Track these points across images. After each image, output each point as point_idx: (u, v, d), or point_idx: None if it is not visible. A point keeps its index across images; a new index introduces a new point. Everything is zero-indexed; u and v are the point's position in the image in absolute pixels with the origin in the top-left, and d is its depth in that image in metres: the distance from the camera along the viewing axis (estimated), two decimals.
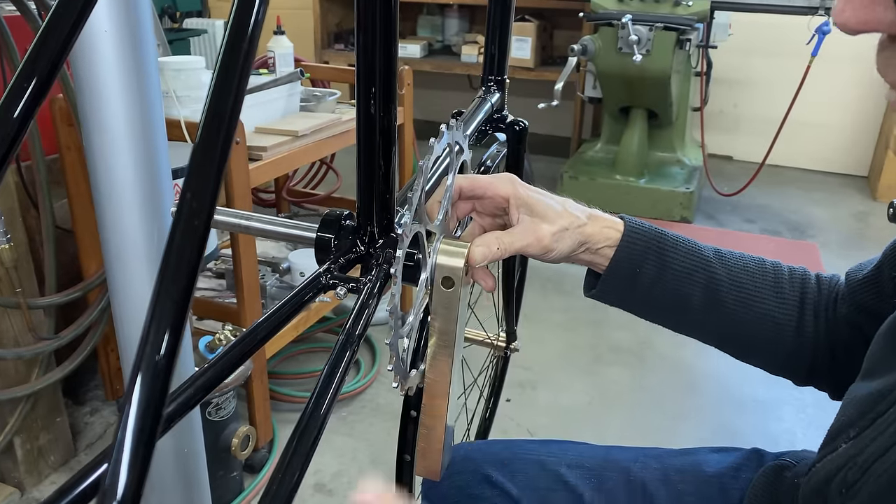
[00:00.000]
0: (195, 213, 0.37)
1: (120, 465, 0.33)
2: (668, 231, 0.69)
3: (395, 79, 0.56)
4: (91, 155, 0.84)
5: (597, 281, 0.70)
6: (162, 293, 0.36)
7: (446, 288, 0.58)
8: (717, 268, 0.68)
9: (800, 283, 0.69)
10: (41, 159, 1.44)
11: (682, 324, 0.71)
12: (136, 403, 0.34)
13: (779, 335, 0.67)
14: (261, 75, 1.84)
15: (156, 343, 0.34)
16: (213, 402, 1.43)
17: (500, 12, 0.92)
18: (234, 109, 0.39)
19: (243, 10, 0.39)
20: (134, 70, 0.79)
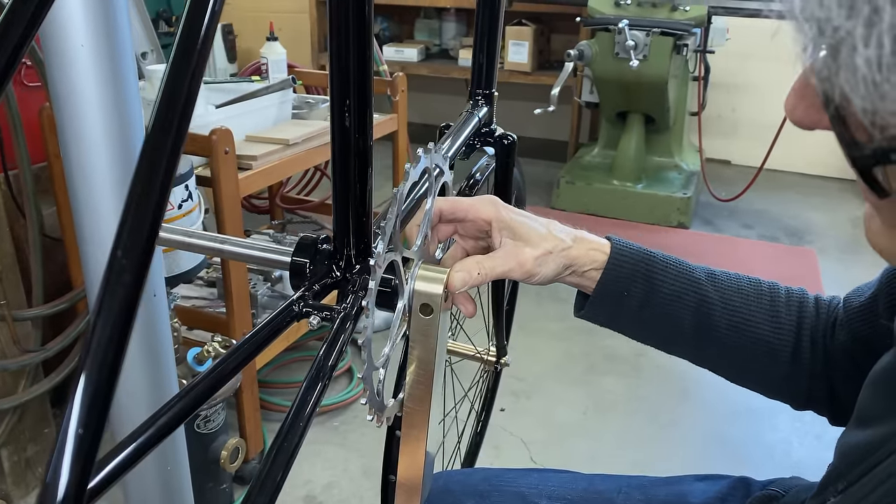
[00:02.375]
0: (136, 229, 0.36)
1: (61, 464, 0.32)
2: (658, 252, 0.68)
3: (370, 95, 0.54)
4: (69, 167, 0.83)
5: (582, 300, 0.69)
6: (105, 301, 0.35)
7: (425, 315, 0.56)
8: (708, 290, 0.66)
9: (797, 306, 0.66)
10: (28, 168, 1.43)
11: (673, 346, 0.70)
12: (81, 398, 0.33)
13: (774, 360, 0.65)
14: (253, 82, 1.83)
15: (101, 342, 0.34)
16: (202, 415, 1.41)
17: (488, 26, 0.90)
18: (184, 112, 0.38)
19: None
20: (112, 84, 0.78)
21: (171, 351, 0.95)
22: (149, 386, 0.92)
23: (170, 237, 0.61)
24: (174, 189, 1.23)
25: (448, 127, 0.90)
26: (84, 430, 0.33)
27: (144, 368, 0.91)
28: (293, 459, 0.42)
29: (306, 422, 0.45)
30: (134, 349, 0.89)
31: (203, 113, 1.52)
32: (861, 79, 0.31)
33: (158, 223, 0.38)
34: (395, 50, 3.89)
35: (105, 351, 0.35)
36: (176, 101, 0.38)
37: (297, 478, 1.63)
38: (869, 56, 0.31)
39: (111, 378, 0.35)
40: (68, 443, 0.33)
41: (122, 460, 0.42)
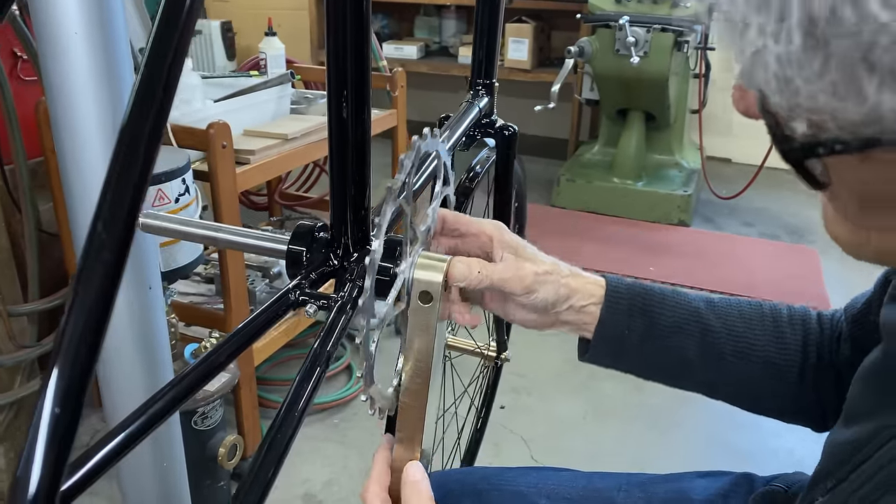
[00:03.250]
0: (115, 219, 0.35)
1: (33, 459, 0.31)
2: (654, 285, 0.67)
3: (368, 79, 0.53)
4: (63, 159, 0.82)
5: (585, 343, 0.67)
6: (80, 290, 0.34)
7: (424, 303, 0.55)
8: (709, 318, 0.65)
9: (801, 325, 0.65)
10: (23, 163, 1.41)
11: (682, 381, 0.68)
12: (54, 389, 0.32)
13: (784, 382, 0.64)
14: (251, 77, 1.81)
15: (74, 333, 0.33)
16: (199, 412, 1.40)
17: (488, 15, 0.89)
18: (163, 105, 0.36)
19: None
20: (106, 73, 0.77)
21: (166, 343, 0.94)
22: (144, 378, 0.91)
23: (165, 225, 0.60)
24: (171, 183, 1.22)
25: (448, 118, 0.89)
26: (59, 416, 0.32)
27: (139, 360, 0.90)
28: (286, 453, 0.41)
29: (301, 413, 0.43)
30: (129, 341, 0.88)
31: (201, 107, 1.50)
32: (773, 75, 0.31)
33: (140, 200, 0.37)
34: (394, 47, 3.88)
35: (81, 337, 0.34)
36: (158, 76, 0.37)
37: (295, 475, 1.61)
38: (779, 52, 0.30)
39: (87, 363, 0.34)
40: (41, 430, 0.32)
41: (113, 447, 0.41)
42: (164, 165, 1.23)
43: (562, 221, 3.07)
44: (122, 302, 0.86)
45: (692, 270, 2.66)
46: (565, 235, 2.93)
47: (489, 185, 1.02)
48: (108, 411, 0.94)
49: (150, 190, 1.20)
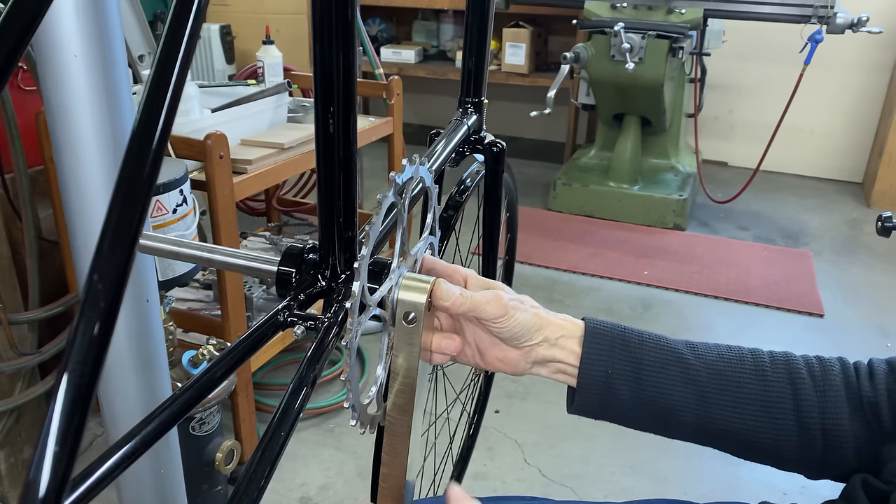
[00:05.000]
0: (118, 237, 0.38)
1: (43, 463, 0.34)
2: (631, 327, 0.67)
3: (354, 102, 0.54)
4: (62, 176, 0.84)
5: (571, 393, 0.67)
6: (87, 307, 0.37)
7: (409, 324, 0.57)
8: (690, 359, 0.64)
9: (783, 364, 0.64)
10: (24, 171, 1.44)
11: (671, 425, 0.66)
12: (63, 397, 0.35)
13: (772, 423, 0.63)
14: (249, 86, 1.83)
15: (83, 342, 0.36)
16: (197, 417, 1.42)
17: (477, 34, 0.91)
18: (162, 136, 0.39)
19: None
20: (105, 95, 0.79)
21: (164, 356, 0.96)
22: (142, 391, 0.94)
23: (159, 246, 0.62)
24: (169, 194, 1.24)
25: (438, 134, 0.91)
26: (66, 425, 0.35)
27: (138, 373, 0.92)
28: (272, 472, 0.43)
29: (287, 432, 0.46)
30: (127, 354, 0.90)
31: (199, 117, 1.53)
32: None
33: (141, 224, 0.40)
34: (392, 51, 3.90)
35: (87, 351, 0.37)
36: (155, 118, 0.39)
37: (292, 480, 1.64)
38: None
39: (93, 376, 0.37)
40: (51, 438, 0.34)
41: (114, 462, 0.43)
42: (162, 176, 1.26)
43: (558, 225, 3.10)
44: (120, 315, 0.88)
45: (687, 274, 2.68)
46: (561, 239, 2.95)
47: (479, 198, 1.05)
48: (106, 421, 0.96)
49: None
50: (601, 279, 2.65)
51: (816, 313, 2.44)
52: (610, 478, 1.70)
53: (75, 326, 0.38)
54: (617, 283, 2.62)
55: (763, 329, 2.35)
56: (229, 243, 1.45)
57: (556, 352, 0.65)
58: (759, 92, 3.81)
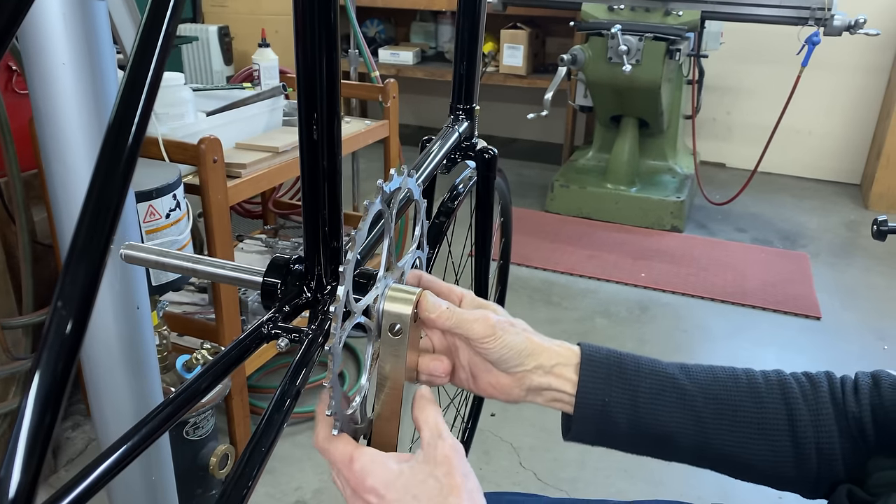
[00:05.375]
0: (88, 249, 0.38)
1: (13, 462, 0.35)
2: (626, 352, 0.66)
3: (338, 110, 0.54)
4: (51, 180, 0.84)
5: (567, 420, 0.66)
6: (58, 308, 0.38)
7: (395, 335, 0.57)
8: (686, 384, 0.64)
9: (777, 383, 0.64)
10: (17, 175, 1.43)
11: (668, 450, 0.66)
12: (34, 397, 0.36)
13: (769, 444, 0.63)
14: (244, 89, 1.83)
15: (55, 341, 0.38)
16: (191, 422, 1.42)
17: (468, 39, 0.91)
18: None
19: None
20: (94, 101, 0.79)
21: (155, 362, 0.96)
22: (133, 396, 0.93)
23: (146, 257, 0.62)
24: (162, 199, 1.24)
25: (430, 140, 0.91)
26: (37, 425, 0.36)
27: (128, 379, 0.92)
28: (252, 489, 0.43)
29: (268, 447, 0.45)
30: (118, 361, 0.90)
31: (193, 121, 1.52)
32: None
33: (115, 223, 0.40)
34: (390, 53, 3.90)
35: (58, 351, 0.38)
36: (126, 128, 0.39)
37: (286, 484, 1.64)
38: None
39: (63, 378, 0.37)
40: (21, 437, 0.35)
41: (105, 469, 0.43)
42: (155, 181, 1.26)
43: (555, 227, 3.09)
44: (110, 321, 0.88)
45: (684, 276, 2.68)
46: (559, 241, 2.95)
47: (471, 204, 1.04)
48: (98, 427, 0.96)
49: (141, 206, 1.22)
50: (598, 281, 2.65)
51: (813, 316, 2.43)
52: (605, 481, 1.70)
53: (47, 328, 0.39)
54: (614, 286, 2.62)
55: (760, 331, 2.35)
56: (223, 248, 1.45)
57: (552, 380, 0.63)
58: (757, 93, 3.81)
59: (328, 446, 0.52)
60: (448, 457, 0.51)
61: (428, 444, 0.52)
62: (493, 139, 4.67)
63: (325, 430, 0.53)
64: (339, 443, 0.52)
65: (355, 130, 1.88)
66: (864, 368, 0.67)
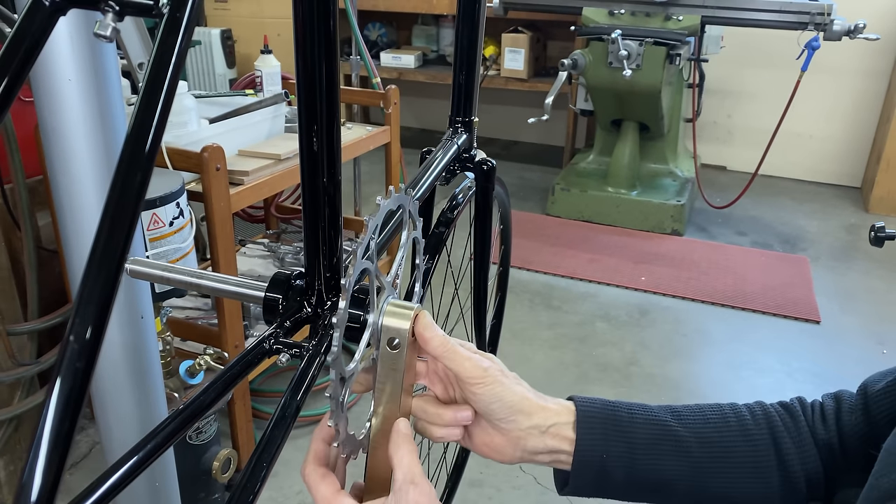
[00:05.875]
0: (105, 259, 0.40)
1: (35, 468, 0.37)
2: (618, 401, 0.66)
3: (337, 118, 0.55)
4: (57, 195, 0.85)
5: (564, 475, 0.66)
6: (77, 323, 0.39)
7: (393, 350, 0.58)
8: (679, 430, 0.65)
9: (763, 418, 0.65)
10: (22, 181, 1.45)
11: (664, 497, 0.66)
12: (55, 408, 0.38)
13: (761, 480, 0.64)
14: (247, 96, 1.85)
15: (73, 354, 0.40)
16: (194, 427, 1.44)
17: (467, 46, 0.92)
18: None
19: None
20: (99, 117, 0.80)
21: (158, 370, 0.97)
22: (137, 405, 0.95)
23: (150, 272, 0.63)
24: (165, 207, 1.26)
25: (429, 152, 0.93)
26: (57, 433, 0.38)
27: (133, 388, 0.94)
28: (255, 501, 0.45)
29: (270, 461, 0.47)
30: (122, 369, 0.92)
31: (196, 129, 1.54)
32: None
33: (129, 243, 0.42)
34: (392, 56, 3.92)
35: (77, 360, 0.40)
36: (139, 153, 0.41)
37: (290, 487, 1.65)
38: None
39: (83, 387, 0.39)
40: (43, 444, 0.37)
41: (111, 485, 0.44)
42: (159, 190, 1.27)
43: (556, 230, 3.11)
44: (115, 331, 0.90)
45: (684, 280, 2.69)
46: (559, 245, 2.96)
47: (470, 213, 1.06)
48: (102, 434, 0.98)
49: (144, 215, 1.23)
50: (598, 285, 2.66)
51: (813, 319, 2.45)
52: None
53: (65, 341, 0.41)
54: (614, 289, 2.63)
55: (759, 335, 2.36)
56: (226, 254, 1.46)
57: (549, 441, 0.63)
58: (757, 97, 3.82)
59: (313, 484, 0.53)
60: (418, 502, 0.51)
61: (399, 490, 0.52)
62: (494, 142, 4.67)
63: (314, 464, 0.54)
64: (323, 485, 0.53)
65: (357, 136, 1.89)
66: (863, 373, 0.69)
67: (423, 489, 0.52)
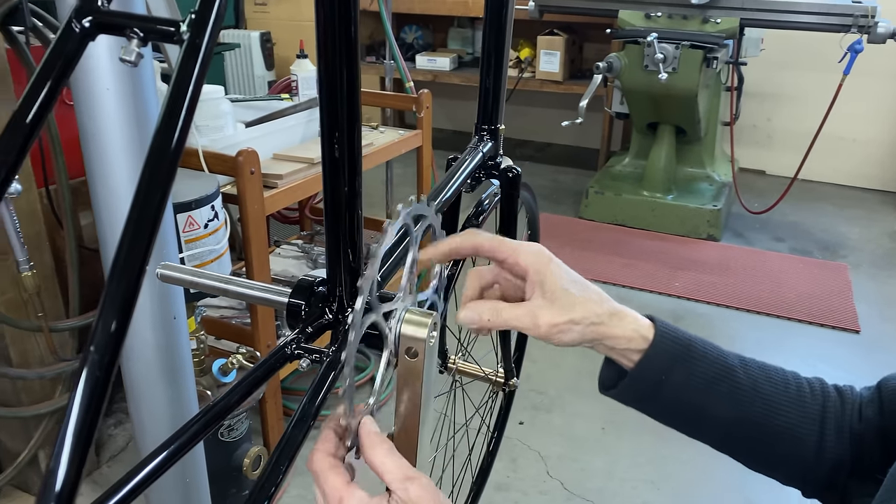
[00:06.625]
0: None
1: (61, 457, 0.40)
2: (697, 338, 0.66)
3: (358, 128, 0.57)
4: (95, 198, 0.89)
5: (613, 377, 0.67)
6: (101, 319, 0.42)
7: (411, 358, 0.59)
8: (740, 377, 0.65)
9: (820, 395, 0.66)
10: (65, 183, 1.50)
11: (702, 433, 0.67)
12: (79, 404, 0.40)
13: (797, 449, 0.64)
14: (282, 100, 1.88)
15: (98, 347, 0.42)
16: (226, 424, 1.47)
17: (494, 63, 0.93)
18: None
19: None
20: (135, 124, 0.83)
21: (190, 370, 1.00)
22: (169, 403, 0.98)
23: (180, 276, 0.65)
24: (200, 210, 1.29)
25: (455, 159, 0.94)
26: (81, 425, 0.41)
27: (165, 387, 0.97)
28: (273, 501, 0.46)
29: (288, 462, 0.48)
30: (155, 369, 0.95)
31: (232, 133, 1.57)
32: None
33: (151, 245, 0.45)
34: (427, 59, 3.94)
35: (102, 355, 0.42)
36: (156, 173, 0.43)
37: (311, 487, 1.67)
38: None
39: (105, 382, 0.42)
40: (68, 435, 0.40)
41: (142, 478, 0.46)
42: (194, 192, 1.31)
43: (589, 234, 3.09)
44: (149, 331, 0.93)
45: (719, 286, 2.65)
46: (592, 249, 2.94)
47: (496, 220, 1.07)
48: (136, 431, 1.01)
49: (180, 217, 1.27)
50: (631, 290, 2.64)
51: (852, 329, 2.39)
52: (632, 492, 1.70)
53: (91, 339, 0.43)
54: (648, 295, 2.61)
55: (795, 344, 2.32)
56: (259, 256, 1.49)
57: (618, 357, 0.64)
58: (798, 100, 3.75)
59: (321, 474, 0.50)
60: (421, 497, 0.48)
61: (397, 490, 0.49)
62: (528, 144, 4.66)
63: (323, 454, 0.51)
64: (332, 476, 0.50)
65: (389, 140, 1.91)
66: None
67: (422, 482, 0.49)
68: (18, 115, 0.42)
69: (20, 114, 0.44)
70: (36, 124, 0.49)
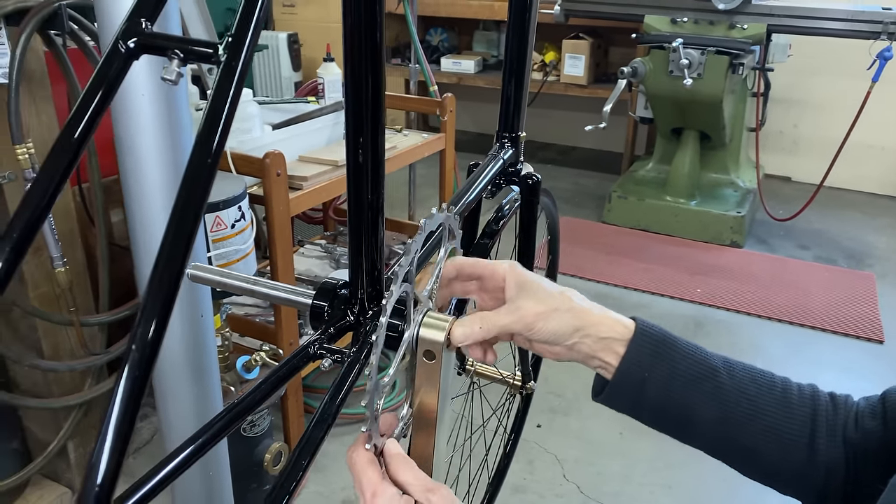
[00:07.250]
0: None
1: (102, 454, 0.43)
2: (679, 337, 0.69)
3: (381, 135, 0.58)
4: (128, 199, 0.92)
5: (602, 381, 0.69)
6: (142, 322, 0.44)
7: (428, 360, 0.61)
8: (723, 378, 0.66)
9: (810, 399, 0.66)
10: (98, 182, 1.54)
11: (690, 437, 0.69)
12: (119, 402, 0.43)
13: (787, 453, 0.65)
14: (308, 103, 1.91)
15: (139, 347, 0.45)
16: (248, 420, 1.50)
17: (515, 72, 0.95)
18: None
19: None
20: (168, 129, 0.86)
21: (216, 367, 1.03)
22: (195, 399, 1.01)
23: (209, 276, 0.68)
24: (227, 210, 1.32)
25: (476, 165, 0.96)
26: (121, 421, 0.45)
27: (191, 383, 1.00)
28: (293, 498, 0.48)
29: (309, 460, 0.51)
30: (182, 365, 0.98)
31: (259, 135, 1.61)
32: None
33: (188, 253, 0.48)
34: (452, 62, 3.96)
35: (142, 356, 0.45)
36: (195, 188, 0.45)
37: (334, 483, 1.70)
38: None
39: (144, 379, 0.46)
40: (109, 431, 0.44)
41: (168, 472, 0.49)
42: (222, 193, 1.34)
43: (611, 238, 3.09)
44: (177, 328, 0.96)
45: (741, 293, 2.64)
46: (614, 253, 2.94)
47: (516, 224, 1.08)
48: (162, 425, 1.04)
49: (207, 217, 1.30)
50: (652, 295, 2.64)
51: (876, 339, 2.37)
52: (649, 497, 1.71)
53: (131, 339, 0.46)
54: (669, 300, 2.61)
55: (818, 353, 2.30)
56: (284, 255, 1.52)
57: (599, 351, 0.67)
58: (825, 106, 3.71)
59: (359, 467, 0.56)
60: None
61: (421, 501, 0.54)
62: (551, 147, 4.66)
63: (362, 447, 0.57)
64: (370, 470, 0.55)
65: (412, 143, 1.93)
66: None
67: (443, 492, 0.54)
68: (67, 132, 0.45)
69: (69, 129, 0.46)
70: (83, 139, 0.52)
